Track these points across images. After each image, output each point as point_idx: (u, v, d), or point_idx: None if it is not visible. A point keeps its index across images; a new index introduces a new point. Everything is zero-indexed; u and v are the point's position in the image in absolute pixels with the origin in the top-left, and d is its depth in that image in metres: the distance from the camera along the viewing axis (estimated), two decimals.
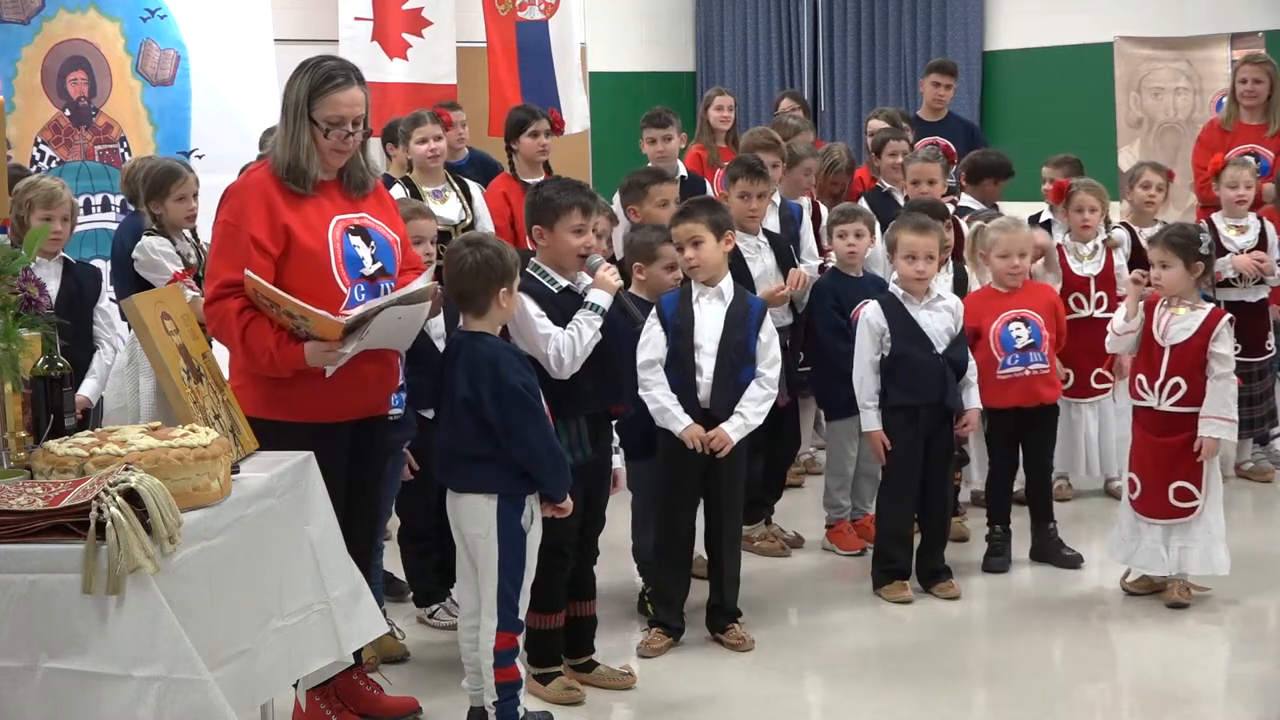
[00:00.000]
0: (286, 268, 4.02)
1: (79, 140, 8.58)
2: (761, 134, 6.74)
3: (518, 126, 6.91)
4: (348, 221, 4.12)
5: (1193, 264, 5.36)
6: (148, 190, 5.68)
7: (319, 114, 4.05)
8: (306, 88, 4.07)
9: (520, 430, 4.10)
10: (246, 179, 4.19)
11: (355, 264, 4.08)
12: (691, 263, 5.04)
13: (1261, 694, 4.72)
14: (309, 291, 3.95)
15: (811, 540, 6.31)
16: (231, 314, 3.96)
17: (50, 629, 2.85)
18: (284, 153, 4.08)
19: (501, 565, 4.14)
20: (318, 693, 4.21)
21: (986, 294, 6.01)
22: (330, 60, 4.18)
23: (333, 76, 4.08)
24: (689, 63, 12.80)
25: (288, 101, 4.09)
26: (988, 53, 11.41)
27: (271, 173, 4.10)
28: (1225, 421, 5.32)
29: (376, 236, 4.16)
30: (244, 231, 3.99)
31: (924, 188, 6.67)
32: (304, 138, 4.06)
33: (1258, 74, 7.84)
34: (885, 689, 4.76)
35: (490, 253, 4.15)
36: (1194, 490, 5.34)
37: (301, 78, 4.10)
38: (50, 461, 3.11)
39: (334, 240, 4.06)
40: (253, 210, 4.02)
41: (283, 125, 4.11)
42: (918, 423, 5.55)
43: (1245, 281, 7.05)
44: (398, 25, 9.61)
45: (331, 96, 4.06)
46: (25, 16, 8.44)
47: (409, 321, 4.05)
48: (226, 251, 4.02)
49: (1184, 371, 5.32)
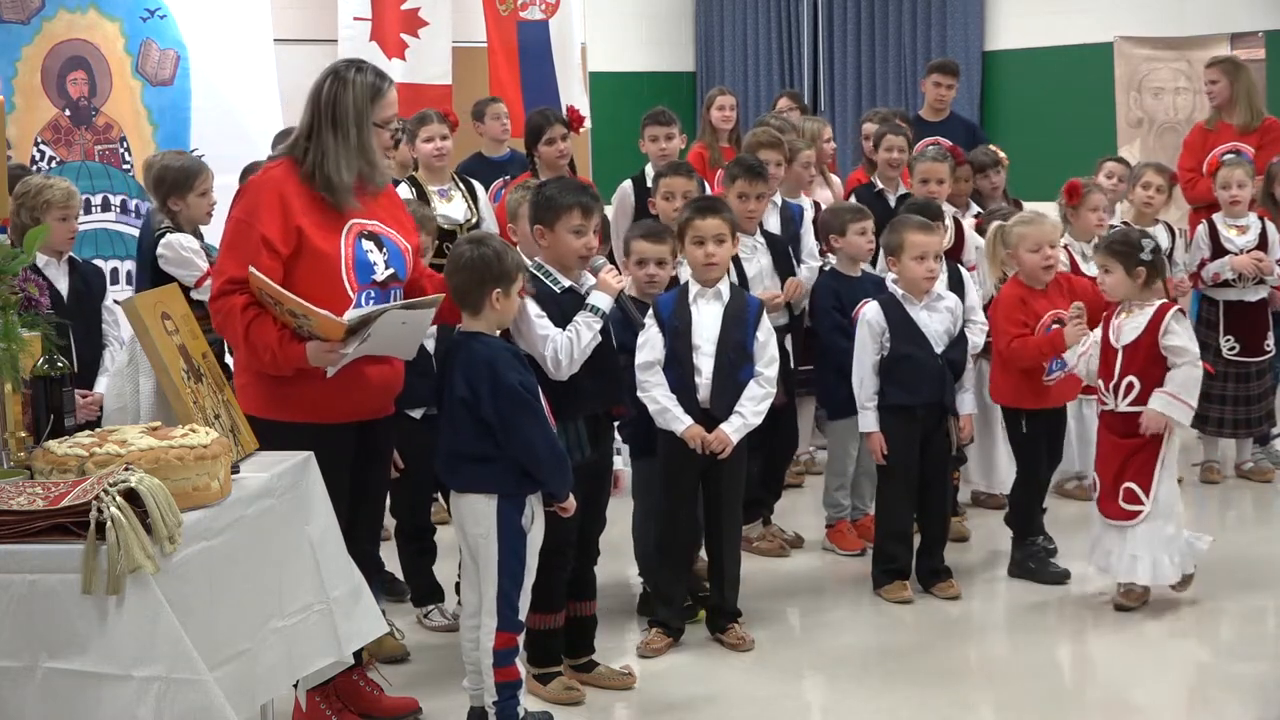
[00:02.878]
0: (296, 269, 4.03)
1: (79, 140, 8.58)
2: (764, 132, 6.73)
3: (534, 134, 6.92)
4: (362, 226, 4.13)
5: (1134, 270, 5.34)
6: (170, 186, 5.66)
7: (377, 115, 4.11)
8: (369, 92, 4.09)
9: (519, 429, 4.10)
10: (264, 176, 4.18)
11: (366, 269, 4.09)
12: (713, 259, 5.02)
13: (1260, 694, 4.72)
14: (316, 294, 3.96)
15: (811, 540, 6.31)
16: (236, 310, 3.97)
17: (50, 629, 2.85)
18: (342, 160, 4.06)
19: (501, 565, 4.14)
20: (318, 693, 4.21)
21: (1024, 294, 5.77)
22: (366, 62, 4.22)
23: (382, 76, 4.16)
24: (689, 63, 12.80)
25: (344, 109, 4.07)
26: (988, 53, 11.42)
27: (293, 173, 4.10)
28: (1178, 401, 5.26)
29: (389, 244, 4.17)
30: (255, 229, 4.00)
31: (932, 187, 6.66)
32: (371, 140, 4.10)
33: (1213, 75, 7.96)
34: (885, 689, 4.76)
35: (489, 252, 4.14)
36: (1140, 494, 5.31)
37: (356, 83, 4.09)
38: (50, 461, 3.11)
39: (346, 244, 4.07)
40: (266, 209, 4.02)
41: (336, 134, 4.07)
42: (916, 423, 5.55)
43: (1245, 281, 7.05)
44: (396, 25, 9.61)
45: (388, 97, 4.14)
46: (25, 16, 8.44)
47: (412, 328, 4.05)
48: (237, 248, 4.03)
49: (1136, 370, 5.32)
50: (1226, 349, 7.12)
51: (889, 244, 5.70)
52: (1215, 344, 7.12)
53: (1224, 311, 7.15)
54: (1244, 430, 7.23)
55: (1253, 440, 7.33)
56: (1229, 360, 7.12)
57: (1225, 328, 7.13)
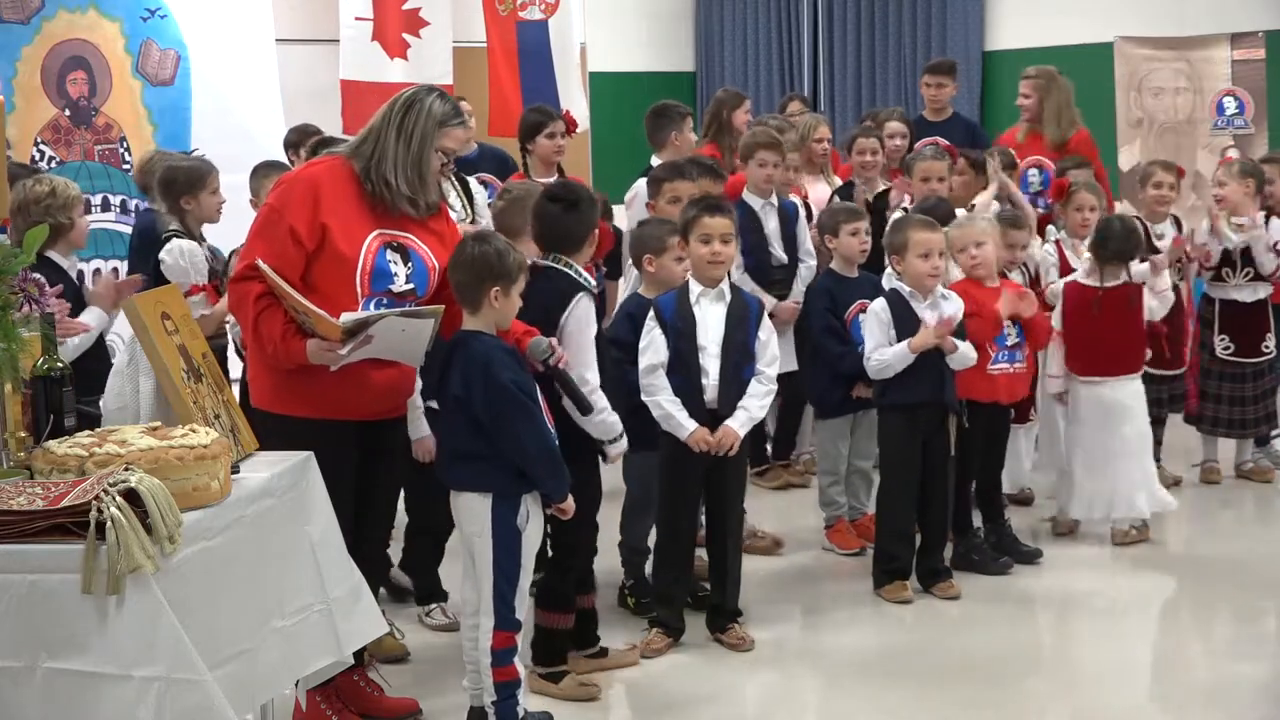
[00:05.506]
0: (316, 264, 4.09)
1: (79, 140, 8.58)
2: (763, 132, 6.75)
3: (534, 128, 6.91)
4: (388, 237, 4.16)
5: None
6: (182, 187, 5.67)
7: (440, 141, 4.16)
8: (439, 117, 4.16)
9: (512, 428, 4.09)
10: (304, 170, 4.30)
11: (384, 278, 4.12)
12: (719, 257, 5.03)
13: (1260, 694, 4.72)
14: (328, 291, 4.03)
15: (811, 540, 6.32)
16: (250, 297, 4.04)
17: (50, 629, 2.84)
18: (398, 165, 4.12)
19: (496, 564, 4.15)
20: (318, 693, 4.21)
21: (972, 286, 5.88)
22: (449, 95, 4.31)
23: (458, 113, 4.24)
24: (689, 63, 12.78)
25: (414, 122, 4.14)
26: (988, 53, 11.41)
27: (341, 171, 4.16)
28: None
29: (416, 258, 4.20)
30: (285, 220, 4.07)
31: (933, 185, 6.72)
32: (429, 157, 4.16)
33: (1025, 89, 8.00)
34: (885, 689, 4.76)
35: (490, 250, 4.15)
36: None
37: (434, 105, 4.17)
38: (50, 461, 3.10)
39: (367, 251, 4.11)
40: (298, 201, 4.09)
41: (399, 140, 4.14)
42: (917, 422, 5.55)
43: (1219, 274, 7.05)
44: (398, 25, 9.60)
45: (456, 131, 4.22)
46: (25, 16, 8.44)
47: (413, 335, 4.06)
48: (264, 236, 4.11)
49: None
50: (1220, 348, 7.12)
51: (892, 243, 5.71)
52: (1210, 342, 7.13)
53: (1219, 311, 7.14)
54: (1239, 431, 7.22)
55: (1252, 440, 7.33)
56: (1223, 360, 7.12)
57: (1220, 327, 7.13)
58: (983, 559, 5.86)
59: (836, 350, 5.93)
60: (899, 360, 5.49)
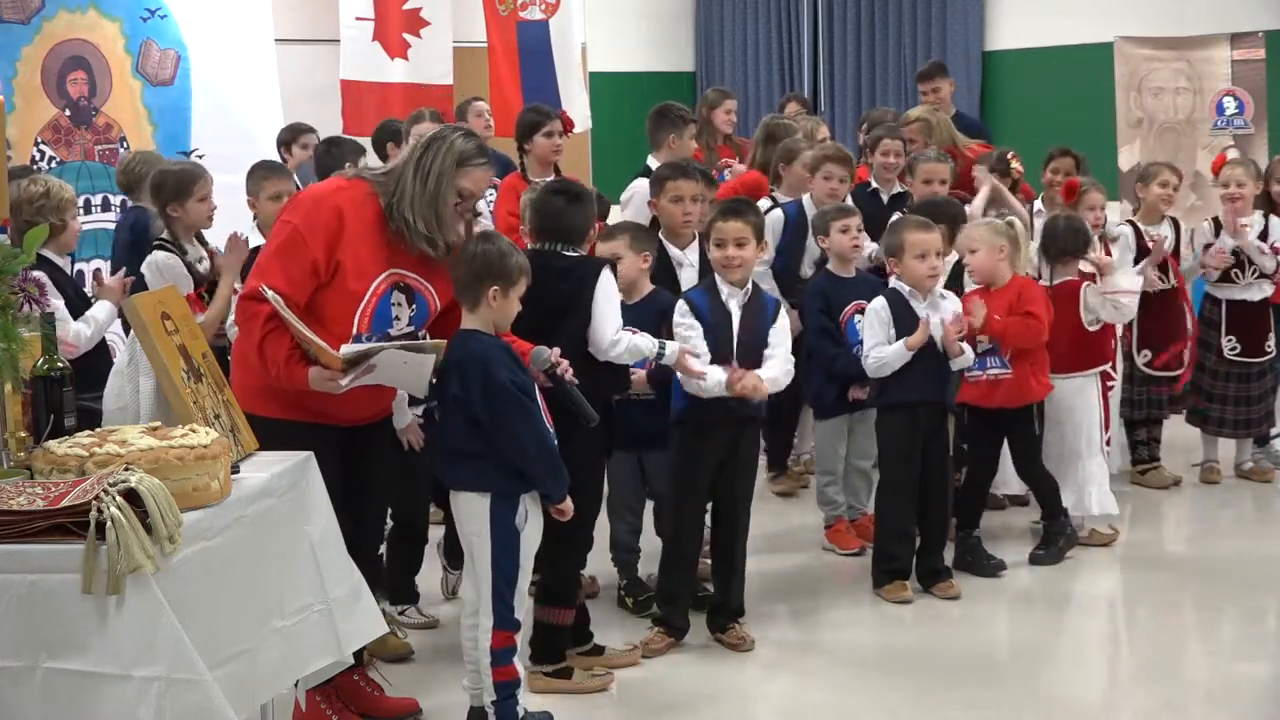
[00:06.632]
0: (323, 293, 4.08)
1: (79, 140, 8.59)
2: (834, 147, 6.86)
3: (531, 127, 6.90)
4: (398, 277, 4.14)
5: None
6: (170, 193, 5.57)
7: (459, 180, 4.12)
8: (458, 155, 4.11)
9: (510, 427, 4.09)
10: (335, 195, 4.16)
11: (384, 322, 4.13)
12: (732, 261, 5.04)
13: (1261, 694, 4.72)
14: (331, 319, 4.04)
15: (811, 540, 6.32)
16: (260, 318, 4.01)
17: (50, 629, 2.84)
18: (416, 204, 4.08)
19: (495, 564, 4.14)
20: (318, 693, 4.21)
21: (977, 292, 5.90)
22: (476, 135, 4.27)
23: (481, 153, 4.18)
24: (689, 63, 12.81)
25: (433, 160, 4.10)
26: (988, 53, 11.43)
27: (369, 203, 4.11)
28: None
29: (420, 299, 4.20)
30: (309, 250, 4.03)
31: (935, 186, 6.73)
32: (446, 195, 4.11)
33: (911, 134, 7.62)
34: (885, 689, 4.76)
35: (492, 250, 4.14)
36: None
37: (455, 144, 4.12)
38: (50, 461, 3.10)
39: (374, 292, 4.10)
40: (322, 232, 4.05)
41: (416, 178, 4.10)
42: (917, 422, 5.55)
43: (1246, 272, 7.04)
44: (398, 25, 9.62)
45: (476, 172, 4.16)
46: (25, 16, 8.45)
47: (415, 367, 4.06)
48: (283, 258, 4.06)
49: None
50: (1228, 349, 7.12)
51: (889, 245, 5.72)
52: (1217, 343, 7.13)
53: (1226, 311, 7.14)
54: (1243, 431, 7.23)
55: (1253, 440, 7.33)
56: (1230, 360, 7.12)
57: (1227, 327, 7.13)
58: (976, 559, 5.84)
59: (830, 351, 5.94)
60: (897, 359, 5.49)
